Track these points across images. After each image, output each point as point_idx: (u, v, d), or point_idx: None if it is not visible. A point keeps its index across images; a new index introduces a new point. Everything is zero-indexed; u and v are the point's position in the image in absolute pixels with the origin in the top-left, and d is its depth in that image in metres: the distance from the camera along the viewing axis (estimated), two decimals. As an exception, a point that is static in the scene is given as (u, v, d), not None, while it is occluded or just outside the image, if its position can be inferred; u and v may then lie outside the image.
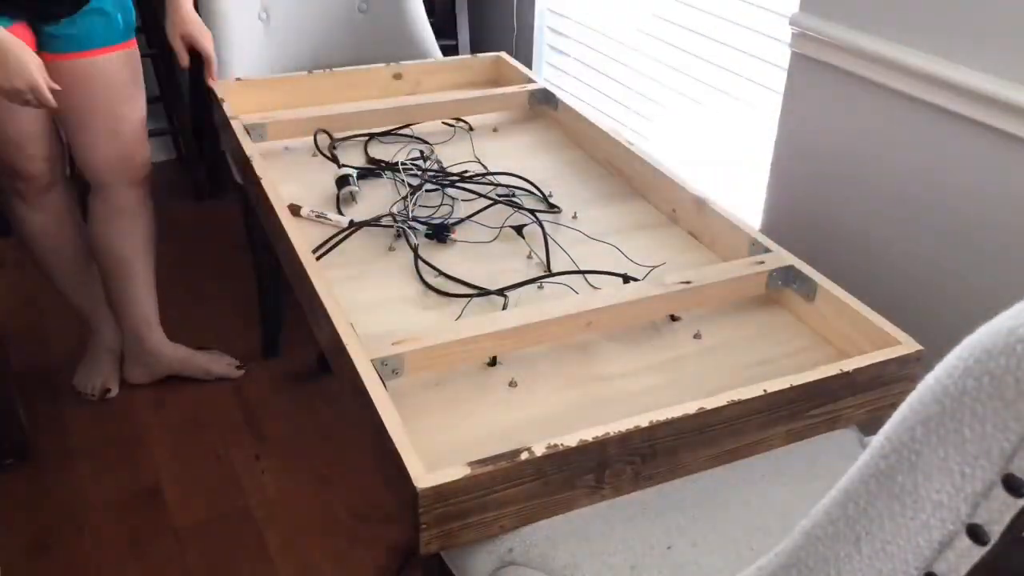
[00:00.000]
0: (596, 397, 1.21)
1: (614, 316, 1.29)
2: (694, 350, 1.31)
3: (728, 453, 1.13)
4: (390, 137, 1.91)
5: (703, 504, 1.11)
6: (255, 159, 1.64)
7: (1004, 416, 0.49)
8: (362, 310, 1.36)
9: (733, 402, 1.08)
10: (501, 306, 1.36)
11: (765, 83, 1.84)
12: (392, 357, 1.16)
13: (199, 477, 1.92)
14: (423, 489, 0.95)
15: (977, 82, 1.32)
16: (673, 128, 2.16)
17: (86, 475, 1.91)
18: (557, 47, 2.61)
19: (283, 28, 2.25)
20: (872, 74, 1.49)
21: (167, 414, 2.09)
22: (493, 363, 1.26)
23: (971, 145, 1.36)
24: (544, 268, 1.48)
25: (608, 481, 1.06)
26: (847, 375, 1.15)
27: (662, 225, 1.63)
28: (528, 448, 1.00)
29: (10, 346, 2.20)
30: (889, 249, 1.53)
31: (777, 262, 1.39)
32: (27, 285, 2.55)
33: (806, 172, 1.67)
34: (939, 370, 0.54)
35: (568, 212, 1.64)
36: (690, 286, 1.32)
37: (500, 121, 2.01)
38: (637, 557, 1.03)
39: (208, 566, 1.72)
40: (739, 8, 1.87)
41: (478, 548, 1.06)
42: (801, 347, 1.33)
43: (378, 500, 1.87)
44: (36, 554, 1.74)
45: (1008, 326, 0.50)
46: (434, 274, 1.45)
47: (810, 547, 0.62)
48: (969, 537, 0.53)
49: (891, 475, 0.55)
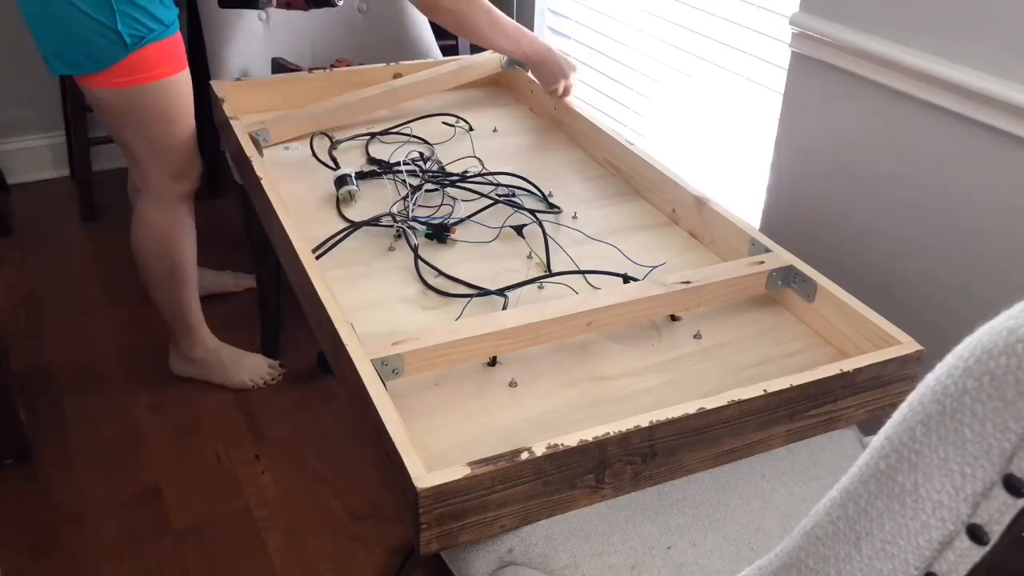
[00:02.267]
0: (596, 397, 1.21)
1: (614, 316, 1.29)
2: (694, 350, 1.31)
3: (728, 453, 1.13)
4: (390, 137, 1.91)
5: (703, 504, 1.11)
6: (255, 159, 1.64)
7: (1004, 416, 0.49)
8: (362, 310, 1.36)
9: (733, 402, 1.08)
10: (501, 306, 1.36)
11: (765, 83, 1.83)
12: (392, 357, 1.16)
13: (199, 477, 1.92)
14: (423, 489, 0.94)
15: (977, 82, 1.32)
16: (673, 128, 2.16)
17: (86, 475, 1.91)
18: (557, 47, 2.61)
19: (283, 28, 2.25)
20: (872, 74, 1.48)
21: (167, 414, 2.09)
22: (493, 363, 1.26)
23: (971, 145, 1.36)
24: (544, 268, 1.48)
25: (608, 481, 1.06)
26: (847, 375, 1.15)
27: (662, 225, 1.63)
28: (528, 448, 1.00)
29: (10, 346, 2.20)
30: (889, 249, 1.53)
31: (777, 262, 1.39)
32: (27, 285, 2.55)
33: (806, 172, 1.67)
34: (939, 370, 0.54)
35: (568, 212, 1.64)
36: (690, 286, 1.32)
37: (500, 121, 2.01)
38: (637, 557, 1.03)
39: (208, 566, 1.72)
40: (739, 8, 1.87)
41: (478, 548, 1.06)
42: (801, 347, 1.33)
43: (378, 500, 1.87)
44: (36, 554, 1.73)
45: (1008, 326, 0.50)
46: (434, 274, 1.45)
47: (810, 547, 0.62)
48: (969, 537, 0.53)
49: (891, 475, 0.55)
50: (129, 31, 1.67)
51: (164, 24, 1.72)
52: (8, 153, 3.04)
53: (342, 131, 1.92)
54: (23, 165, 3.06)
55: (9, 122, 3.01)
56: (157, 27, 1.71)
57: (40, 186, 3.08)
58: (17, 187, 3.05)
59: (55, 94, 2.99)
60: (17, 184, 3.06)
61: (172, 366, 2.18)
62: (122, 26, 1.66)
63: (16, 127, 3.03)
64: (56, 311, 2.44)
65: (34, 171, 3.09)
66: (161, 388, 2.16)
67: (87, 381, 2.18)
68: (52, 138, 3.09)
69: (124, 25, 1.66)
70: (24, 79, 2.94)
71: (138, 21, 1.67)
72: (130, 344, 2.31)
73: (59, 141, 3.10)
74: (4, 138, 3.03)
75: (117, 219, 2.86)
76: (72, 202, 2.96)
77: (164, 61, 1.75)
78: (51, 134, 3.09)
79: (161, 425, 2.06)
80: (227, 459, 1.97)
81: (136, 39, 1.68)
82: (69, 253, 2.71)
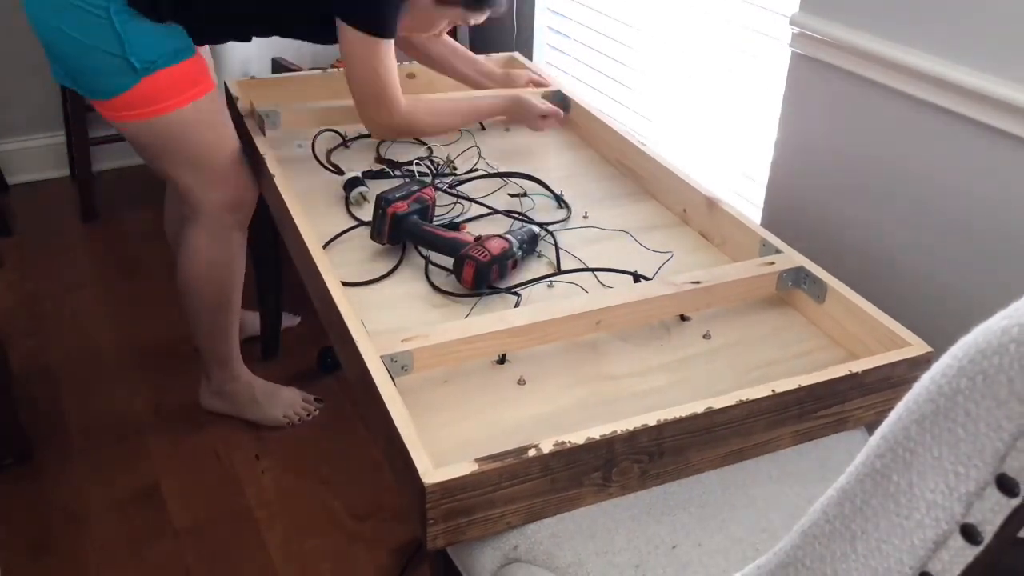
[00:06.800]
0: (604, 395, 1.21)
1: (623, 315, 1.29)
2: (703, 350, 1.31)
3: (736, 453, 1.13)
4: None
5: (709, 504, 1.11)
6: (268, 156, 1.64)
7: (997, 416, 0.49)
8: (373, 307, 1.36)
9: (741, 402, 1.08)
10: (512, 304, 1.36)
11: (765, 83, 1.83)
12: (401, 354, 1.16)
13: (199, 477, 1.91)
14: (431, 484, 0.94)
15: (977, 82, 1.32)
16: (673, 128, 2.16)
17: (86, 475, 1.90)
18: (557, 47, 2.61)
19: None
20: (872, 74, 1.48)
21: (167, 414, 2.08)
22: (502, 361, 1.25)
23: (971, 145, 1.36)
24: (554, 269, 1.47)
25: (615, 479, 1.06)
26: (856, 376, 1.15)
27: (673, 225, 1.63)
28: (536, 445, 0.99)
29: (10, 346, 2.19)
30: (889, 249, 1.53)
31: (787, 263, 1.38)
32: (27, 285, 2.54)
33: (806, 172, 1.67)
34: (934, 369, 0.54)
35: (579, 212, 1.64)
36: (700, 286, 1.32)
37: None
38: (642, 556, 1.03)
39: (208, 566, 1.71)
40: (739, 8, 1.87)
41: (484, 545, 1.05)
42: (810, 348, 1.32)
43: (378, 500, 1.86)
44: (36, 554, 1.72)
45: (1002, 326, 0.50)
46: (444, 273, 1.44)
47: (807, 546, 0.62)
48: (963, 537, 0.53)
49: (886, 474, 0.55)
50: (137, 58, 1.61)
51: (173, 50, 1.65)
52: (8, 153, 3.03)
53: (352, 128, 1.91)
54: (23, 165, 3.06)
55: (9, 122, 3.01)
56: (164, 54, 1.64)
57: (40, 186, 3.07)
58: (17, 187, 3.04)
59: (55, 94, 2.99)
60: (17, 184, 3.05)
61: (203, 401, 2.07)
62: (130, 54, 1.60)
63: (16, 127, 3.03)
64: (56, 311, 2.43)
65: (34, 171, 3.08)
66: (161, 388, 2.16)
67: (87, 381, 2.17)
68: (52, 138, 3.09)
69: (132, 53, 1.60)
70: (24, 79, 2.94)
71: (146, 47, 1.61)
72: (130, 344, 2.30)
73: (59, 141, 3.09)
74: (4, 138, 3.03)
75: (117, 219, 2.87)
76: (72, 202, 2.95)
77: (180, 88, 1.67)
78: (51, 134, 3.09)
79: (161, 425, 2.05)
80: (227, 459, 1.96)
81: (147, 64, 1.61)
82: (69, 253, 2.71)
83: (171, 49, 1.64)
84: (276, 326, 2.24)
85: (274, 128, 1.80)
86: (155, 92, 1.65)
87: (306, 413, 2.07)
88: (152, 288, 2.52)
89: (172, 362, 2.24)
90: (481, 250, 1.37)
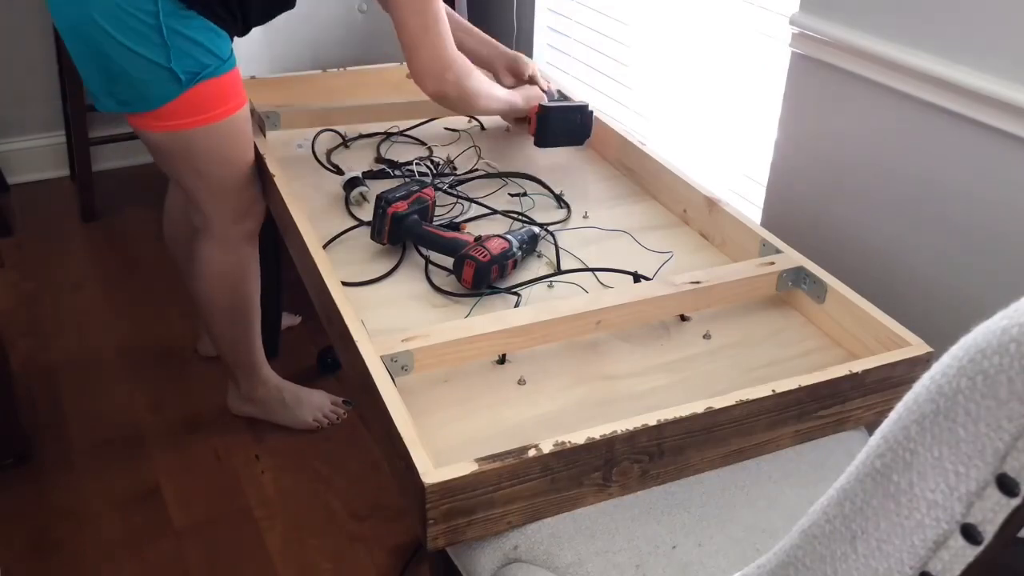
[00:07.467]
0: (605, 395, 1.21)
1: (624, 315, 1.29)
2: (703, 350, 1.31)
3: (736, 453, 1.13)
4: (401, 135, 1.91)
5: (709, 504, 1.11)
6: (268, 156, 1.64)
7: (997, 415, 0.49)
8: (373, 307, 1.36)
9: (741, 402, 1.08)
10: (512, 304, 1.36)
11: (765, 83, 1.83)
12: (402, 353, 1.16)
13: (199, 477, 1.91)
14: (431, 484, 0.94)
15: (977, 82, 1.32)
16: (673, 128, 2.16)
17: (86, 475, 1.90)
18: (557, 47, 2.61)
19: (283, 28, 2.24)
20: (872, 74, 1.48)
21: (167, 414, 2.08)
22: (502, 361, 1.25)
23: (972, 145, 1.36)
24: (554, 269, 1.47)
25: (615, 479, 1.06)
26: (856, 376, 1.15)
27: (673, 225, 1.63)
28: (536, 445, 0.99)
29: (10, 346, 2.19)
30: (889, 249, 1.53)
31: (787, 263, 1.38)
32: (27, 285, 2.54)
33: (806, 172, 1.67)
34: (934, 369, 0.54)
35: (579, 212, 1.64)
36: (700, 286, 1.32)
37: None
38: (642, 556, 1.03)
39: (208, 566, 1.71)
40: (739, 8, 1.87)
41: (484, 545, 1.05)
42: (811, 348, 1.32)
43: (378, 500, 1.86)
44: (36, 554, 1.72)
45: (1002, 325, 0.50)
46: (444, 273, 1.44)
47: (807, 545, 0.62)
48: (963, 537, 0.53)
49: (886, 474, 0.55)
50: (183, 67, 1.52)
51: (221, 58, 1.57)
52: (8, 153, 3.04)
53: (352, 129, 1.91)
54: (23, 165, 3.06)
55: (9, 122, 3.01)
56: (213, 62, 1.56)
57: (40, 186, 3.07)
58: (17, 187, 3.04)
59: (55, 94, 2.99)
60: (17, 184, 3.05)
61: (231, 405, 2.06)
62: (175, 63, 1.52)
63: (16, 127, 3.03)
64: (56, 311, 2.43)
65: (34, 171, 3.09)
66: (161, 388, 2.16)
67: (87, 381, 2.17)
68: (52, 138, 3.09)
69: (177, 61, 1.52)
70: (24, 79, 2.94)
71: (192, 57, 1.53)
72: (130, 344, 2.30)
73: (59, 141, 3.09)
74: (4, 138, 3.03)
75: (117, 219, 2.87)
76: (72, 202, 2.95)
77: (222, 99, 1.60)
78: (51, 134, 3.09)
79: (161, 425, 2.05)
80: (227, 459, 1.96)
81: (191, 75, 1.54)
82: (69, 253, 2.71)
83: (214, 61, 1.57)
84: (276, 326, 2.24)
85: (274, 128, 1.81)
86: (196, 104, 1.58)
87: (335, 416, 2.06)
88: (152, 288, 2.52)
89: (172, 362, 2.25)
90: (481, 250, 1.37)
